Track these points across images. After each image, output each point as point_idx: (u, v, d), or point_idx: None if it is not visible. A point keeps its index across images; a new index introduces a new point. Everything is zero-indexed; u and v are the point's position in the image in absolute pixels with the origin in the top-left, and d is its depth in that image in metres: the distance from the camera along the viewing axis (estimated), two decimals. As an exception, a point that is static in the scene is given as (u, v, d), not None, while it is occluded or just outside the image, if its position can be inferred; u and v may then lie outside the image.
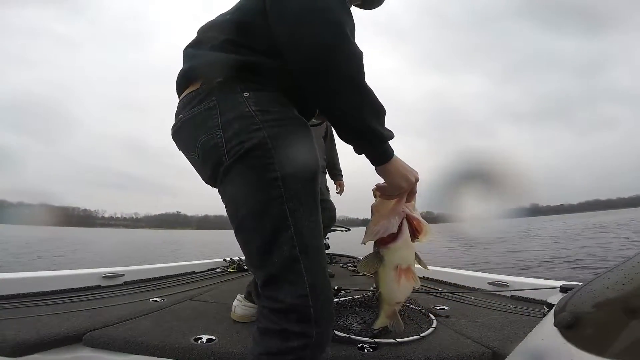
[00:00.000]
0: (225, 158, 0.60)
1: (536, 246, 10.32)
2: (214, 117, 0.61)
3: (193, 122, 0.64)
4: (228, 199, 0.64)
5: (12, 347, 0.84)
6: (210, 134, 0.61)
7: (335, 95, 0.58)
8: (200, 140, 0.63)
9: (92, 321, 1.06)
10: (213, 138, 0.61)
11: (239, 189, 0.62)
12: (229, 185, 0.63)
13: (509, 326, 1.12)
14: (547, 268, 6.05)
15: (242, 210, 0.62)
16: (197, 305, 1.49)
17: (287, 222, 0.59)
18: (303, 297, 0.58)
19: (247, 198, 0.61)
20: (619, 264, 0.44)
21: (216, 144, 0.60)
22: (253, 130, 0.59)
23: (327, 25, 0.54)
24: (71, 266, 2.79)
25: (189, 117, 0.65)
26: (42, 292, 1.45)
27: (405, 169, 0.70)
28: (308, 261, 0.59)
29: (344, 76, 0.57)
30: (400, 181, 0.69)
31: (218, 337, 0.99)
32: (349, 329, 1.04)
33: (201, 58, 0.66)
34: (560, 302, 0.47)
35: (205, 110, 0.62)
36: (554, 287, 1.35)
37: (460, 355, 0.90)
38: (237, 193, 0.62)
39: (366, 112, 0.60)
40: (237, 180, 0.61)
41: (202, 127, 0.62)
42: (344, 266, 2.87)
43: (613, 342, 0.36)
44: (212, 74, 0.63)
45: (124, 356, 0.92)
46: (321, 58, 0.55)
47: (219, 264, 2.72)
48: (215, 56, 0.64)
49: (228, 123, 0.60)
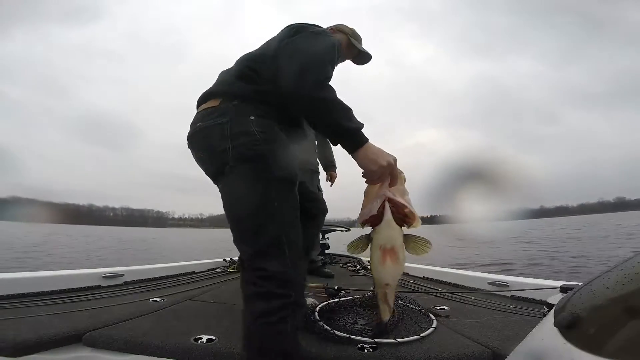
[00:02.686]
0: (231, 161, 0.82)
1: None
2: (226, 130, 0.83)
3: (209, 130, 0.86)
4: (230, 191, 0.85)
5: (12, 347, 0.85)
6: (222, 141, 0.83)
7: (311, 108, 0.82)
8: (212, 144, 0.85)
9: (92, 321, 1.06)
10: (223, 144, 0.82)
11: (241, 185, 0.82)
12: (232, 181, 0.84)
13: (509, 326, 1.12)
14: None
15: (242, 200, 0.82)
16: (197, 305, 1.49)
17: (274, 211, 0.80)
18: (285, 267, 0.77)
19: (248, 191, 0.81)
20: (618, 264, 0.44)
21: (225, 149, 0.82)
22: (255, 144, 0.82)
23: (309, 82, 0.80)
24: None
25: (206, 126, 0.86)
26: (42, 292, 1.45)
27: (375, 154, 0.82)
28: (288, 241, 0.80)
29: (324, 105, 0.81)
30: (370, 165, 0.82)
31: (218, 337, 0.99)
32: (349, 329, 1.04)
33: (226, 83, 0.92)
34: (560, 302, 0.47)
35: (221, 123, 0.84)
36: (554, 287, 1.35)
37: (460, 355, 0.91)
38: (239, 187, 0.83)
39: (335, 116, 0.81)
40: (239, 178, 0.82)
41: (216, 135, 0.84)
42: (343, 266, 2.87)
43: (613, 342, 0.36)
44: (231, 97, 0.88)
45: (124, 356, 0.92)
46: (313, 97, 0.80)
47: (219, 264, 2.72)
48: (237, 85, 0.89)
49: (236, 136, 0.82)
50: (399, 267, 0.84)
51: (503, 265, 6.22)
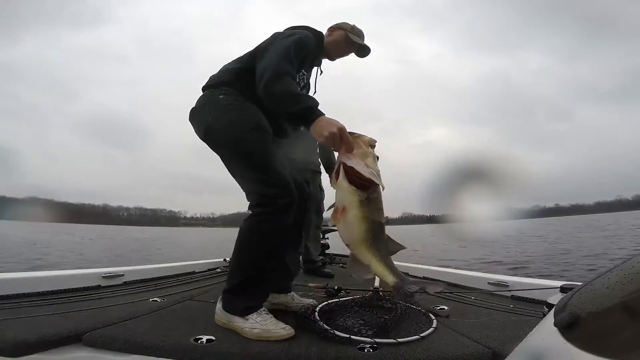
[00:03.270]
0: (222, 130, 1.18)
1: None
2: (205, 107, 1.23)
3: (197, 108, 1.25)
4: (241, 157, 1.16)
5: (12, 347, 0.84)
6: (203, 112, 1.22)
7: (270, 102, 1.10)
8: (199, 116, 1.23)
9: (92, 321, 1.06)
10: (204, 115, 1.21)
11: (244, 149, 1.15)
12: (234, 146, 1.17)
13: (509, 326, 1.12)
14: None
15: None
16: (197, 305, 1.48)
17: (252, 160, 1.14)
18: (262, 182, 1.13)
19: (238, 145, 1.16)
20: (619, 264, 0.44)
21: (206, 120, 1.20)
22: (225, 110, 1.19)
23: (269, 78, 1.08)
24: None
25: (196, 106, 1.25)
26: (42, 292, 1.45)
27: (321, 127, 0.98)
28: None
29: (276, 97, 1.07)
30: (318, 137, 1.00)
31: (218, 337, 0.99)
32: (349, 329, 1.04)
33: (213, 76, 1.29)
34: (560, 302, 0.47)
35: (203, 102, 1.24)
36: (554, 287, 1.35)
37: (460, 355, 0.90)
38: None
39: (285, 104, 1.05)
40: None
41: (200, 110, 1.23)
42: (343, 266, 2.87)
43: (613, 342, 0.36)
44: (211, 85, 1.25)
45: (124, 356, 0.91)
46: (267, 92, 1.08)
47: (219, 264, 2.72)
48: (217, 75, 1.27)
49: (225, 106, 1.19)
50: (349, 226, 0.92)
51: (517, 266, 6.13)
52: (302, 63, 1.23)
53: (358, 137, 0.97)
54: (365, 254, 0.93)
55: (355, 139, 0.96)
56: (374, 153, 0.96)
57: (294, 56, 1.14)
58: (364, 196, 0.91)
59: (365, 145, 0.96)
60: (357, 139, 0.97)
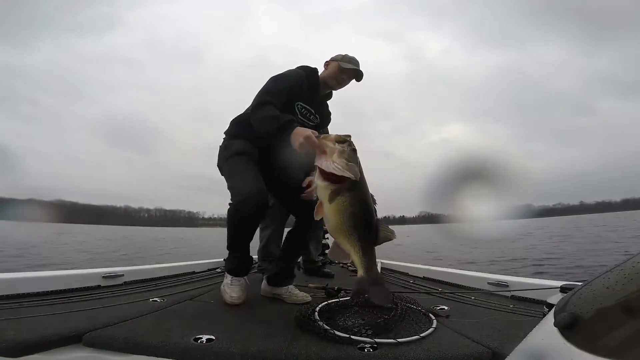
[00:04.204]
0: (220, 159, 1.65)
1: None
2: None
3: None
4: (225, 174, 1.57)
5: (12, 347, 0.84)
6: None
7: (257, 127, 1.43)
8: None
9: (92, 321, 1.06)
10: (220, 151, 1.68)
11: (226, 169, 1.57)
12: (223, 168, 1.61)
13: (509, 326, 1.12)
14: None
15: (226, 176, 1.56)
16: (197, 305, 1.49)
17: (229, 177, 1.54)
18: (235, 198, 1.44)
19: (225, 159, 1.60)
20: (619, 264, 0.44)
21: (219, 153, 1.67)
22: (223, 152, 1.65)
23: (252, 110, 1.47)
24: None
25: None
26: (42, 292, 1.45)
27: (294, 137, 1.18)
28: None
29: (259, 122, 1.42)
30: (294, 145, 1.18)
31: (218, 337, 0.99)
32: (349, 329, 1.04)
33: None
34: (560, 302, 0.47)
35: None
36: (554, 287, 1.35)
37: (460, 355, 0.90)
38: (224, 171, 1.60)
39: (268, 124, 1.35)
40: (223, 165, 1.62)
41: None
42: (343, 266, 2.87)
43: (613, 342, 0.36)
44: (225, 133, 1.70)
45: (124, 356, 0.91)
46: (253, 120, 1.45)
47: (219, 264, 2.72)
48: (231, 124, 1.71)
49: (222, 147, 1.67)
50: (327, 218, 1.01)
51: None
52: (295, 96, 1.55)
53: (324, 137, 1.06)
54: (344, 243, 1.01)
55: (321, 140, 1.05)
56: (339, 148, 1.01)
57: (275, 89, 1.47)
58: (336, 188, 0.99)
59: (331, 143, 1.02)
60: (323, 140, 1.05)
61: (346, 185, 0.98)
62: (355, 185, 0.99)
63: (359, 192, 1.00)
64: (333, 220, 1.00)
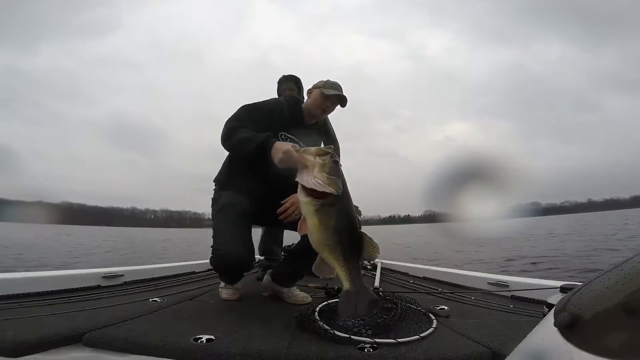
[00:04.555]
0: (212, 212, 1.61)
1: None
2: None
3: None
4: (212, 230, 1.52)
5: (12, 347, 0.84)
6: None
7: (234, 153, 1.50)
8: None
9: (92, 321, 1.06)
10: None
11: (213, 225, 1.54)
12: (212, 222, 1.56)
13: (509, 326, 1.12)
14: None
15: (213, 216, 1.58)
16: (197, 305, 1.49)
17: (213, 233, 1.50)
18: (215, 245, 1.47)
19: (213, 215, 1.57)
20: (619, 263, 0.44)
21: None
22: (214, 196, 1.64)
23: (222, 138, 1.45)
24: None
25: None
26: (42, 292, 1.45)
27: (274, 153, 1.20)
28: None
29: (235, 147, 1.43)
30: (274, 160, 1.20)
31: (218, 337, 0.99)
32: (349, 329, 1.04)
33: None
34: (560, 302, 0.47)
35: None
36: (554, 287, 1.35)
37: (460, 355, 0.90)
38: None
39: (245, 146, 1.35)
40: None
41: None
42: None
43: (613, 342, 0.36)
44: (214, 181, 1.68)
45: (124, 356, 0.91)
46: (227, 148, 1.48)
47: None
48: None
49: (213, 199, 1.64)
50: (310, 234, 0.99)
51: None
52: (278, 126, 1.50)
53: (304, 151, 1.03)
54: (328, 257, 0.99)
55: (301, 154, 1.03)
56: (320, 161, 0.98)
57: (246, 116, 1.45)
58: (318, 204, 0.97)
59: (312, 156, 1.00)
60: (303, 153, 1.02)
61: (329, 200, 0.97)
62: (338, 200, 0.97)
63: (342, 206, 0.99)
64: (316, 235, 0.98)
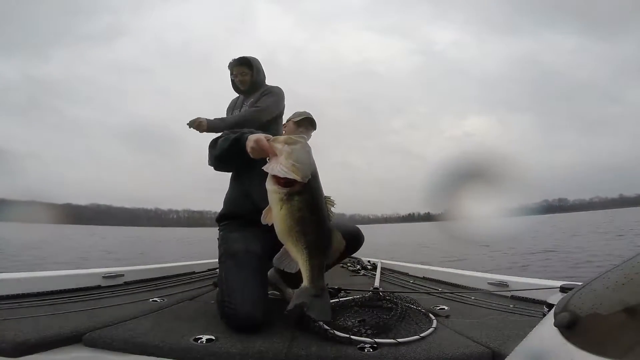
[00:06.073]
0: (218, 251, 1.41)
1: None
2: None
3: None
4: (220, 276, 1.29)
5: (12, 347, 0.84)
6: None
7: (219, 165, 1.43)
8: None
9: (92, 321, 1.06)
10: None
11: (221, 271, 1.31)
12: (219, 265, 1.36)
13: (509, 326, 1.12)
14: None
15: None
16: (197, 305, 1.49)
17: (222, 282, 1.23)
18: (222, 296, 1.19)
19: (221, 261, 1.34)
20: (619, 264, 0.44)
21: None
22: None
23: (209, 157, 1.39)
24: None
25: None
26: (42, 292, 1.45)
27: (247, 144, 1.11)
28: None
29: (217, 157, 1.34)
30: (248, 151, 1.11)
31: (218, 337, 0.99)
32: (349, 329, 1.04)
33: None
34: (560, 302, 0.47)
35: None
36: (554, 287, 1.35)
37: (460, 355, 0.90)
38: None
39: (225, 150, 1.26)
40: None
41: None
42: (343, 266, 2.87)
43: (613, 342, 0.36)
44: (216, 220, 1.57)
45: (124, 356, 0.91)
46: (212, 164, 1.41)
47: (219, 264, 2.72)
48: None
49: (219, 238, 1.46)
50: (275, 223, 0.97)
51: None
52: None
53: (274, 140, 1.01)
54: (291, 250, 0.97)
55: (270, 142, 1.00)
56: (287, 149, 0.96)
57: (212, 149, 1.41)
58: (284, 192, 0.94)
59: (280, 145, 0.98)
60: (272, 142, 1.00)
61: (295, 189, 0.94)
62: (306, 189, 0.94)
63: (308, 195, 0.95)
64: (280, 225, 0.96)
